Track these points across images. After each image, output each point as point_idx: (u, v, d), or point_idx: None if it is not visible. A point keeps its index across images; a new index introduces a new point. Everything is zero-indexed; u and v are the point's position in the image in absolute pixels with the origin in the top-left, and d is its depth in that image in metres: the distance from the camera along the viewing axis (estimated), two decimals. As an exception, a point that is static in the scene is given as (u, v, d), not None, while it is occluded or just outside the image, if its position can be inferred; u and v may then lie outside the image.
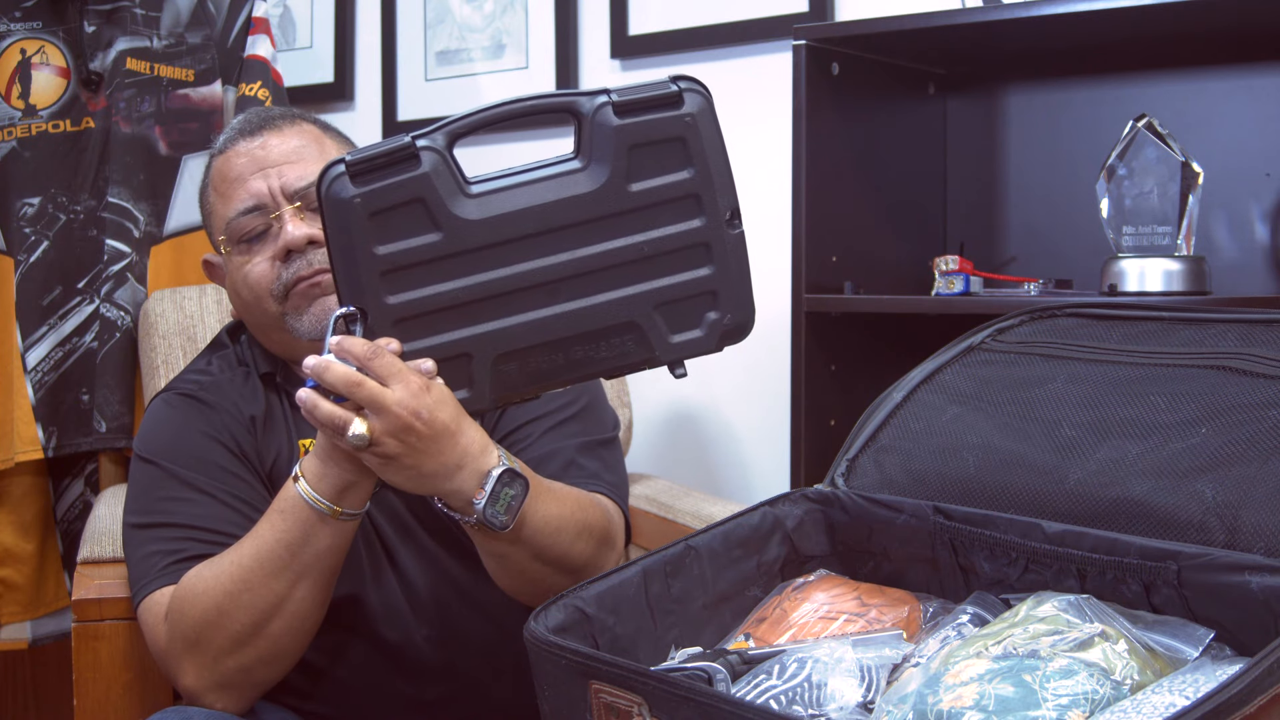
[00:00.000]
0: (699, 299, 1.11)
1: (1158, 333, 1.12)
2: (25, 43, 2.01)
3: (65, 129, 2.02)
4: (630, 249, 1.08)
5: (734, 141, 2.11)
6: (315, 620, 1.21)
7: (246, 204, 1.32)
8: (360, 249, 1.05)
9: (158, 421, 1.37)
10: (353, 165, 1.04)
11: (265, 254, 1.32)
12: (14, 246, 1.99)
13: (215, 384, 1.38)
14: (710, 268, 1.11)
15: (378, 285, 1.05)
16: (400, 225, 1.05)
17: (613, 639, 1.00)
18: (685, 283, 1.10)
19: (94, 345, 2.02)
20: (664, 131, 1.08)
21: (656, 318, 1.10)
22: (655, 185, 1.08)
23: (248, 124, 1.37)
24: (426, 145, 1.05)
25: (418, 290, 1.06)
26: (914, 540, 1.09)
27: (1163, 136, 1.55)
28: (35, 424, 2.00)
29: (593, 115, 1.07)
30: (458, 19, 2.44)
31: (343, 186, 1.04)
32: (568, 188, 1.07)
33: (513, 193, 1.07)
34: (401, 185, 1.04)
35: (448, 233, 1.05)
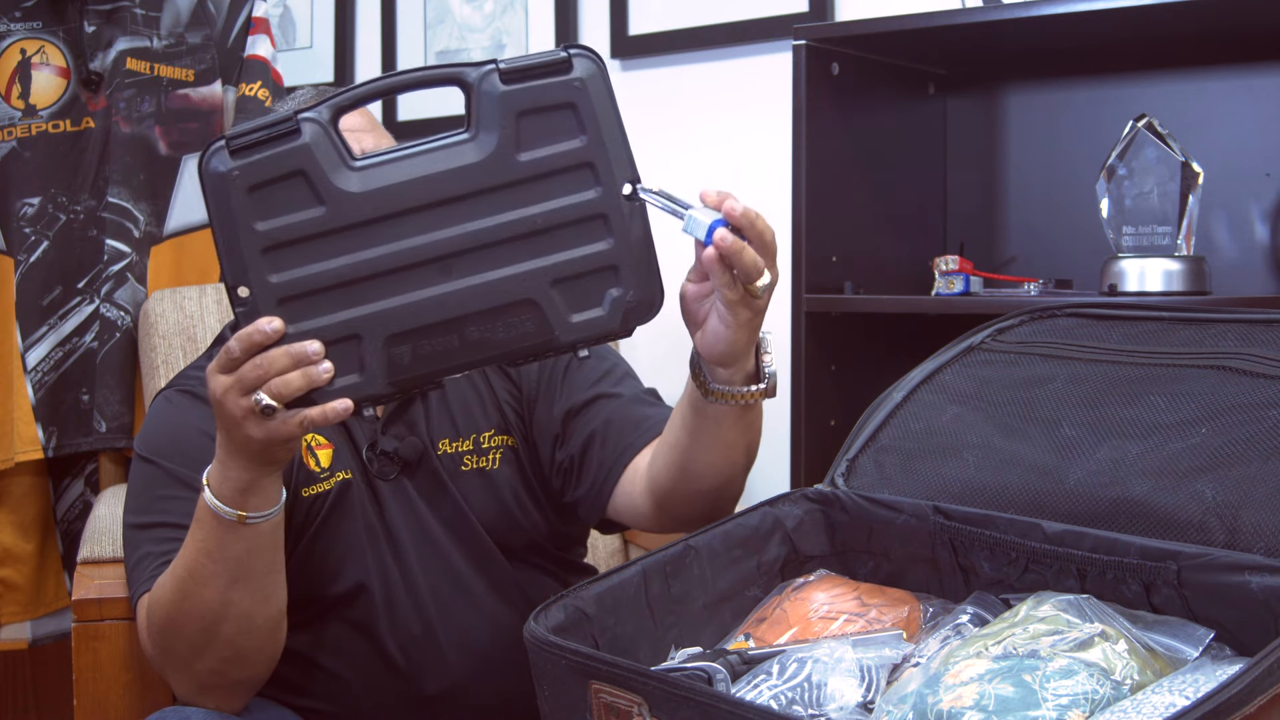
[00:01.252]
0: (598, 274, 1.06)
1: (1158, 333, 1.12)
2: (25, 43, 2.01)
3: (65, 129, 2.02)
4: (523, 221, 1.04)
5: (734, 141, 2.12)
6: (266, 619, 1.19)
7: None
8: (241, 225, 1.02)
9: (158, 420, 1.37)
10: (232, 139, 1.02)
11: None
12: (14, 246, 1.99)
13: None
14: (609, 241, 1.06)
15: (260, 263, 1.02)
16: (281, 200, 1.02)
17: (613, 639, 1.00)
18: (583, 257, 1.06)
19: (94, 345, 2.02)
20: (552, 97, 1.04)
21: (554, 295, 1.05)
22: (546, 154, 1.05)
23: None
24: (309, 118, 1.02)
25: (301, 268, 1.03)
26: (914, 540, 1.08)
27: (1163, 136, 1.55)
28: (35, 424, 2.00)
29: (479, 83, 1.04)
30: (458, 19, 2.44)
31: (221, 160, 1.01)
32: (455, 158, 1.03)
33: (398, 165, 1.03)
34: (281, 157, 1.01)
35: (330, 206, 1.02)
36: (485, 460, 1.36)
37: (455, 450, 1.36)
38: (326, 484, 1.31)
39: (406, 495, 1.34)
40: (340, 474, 1.32)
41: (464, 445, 1.36)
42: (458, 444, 1.36)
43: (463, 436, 1.36)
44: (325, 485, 1.31)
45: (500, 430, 1.38)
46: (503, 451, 1.37)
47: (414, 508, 1.34)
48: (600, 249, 1.06)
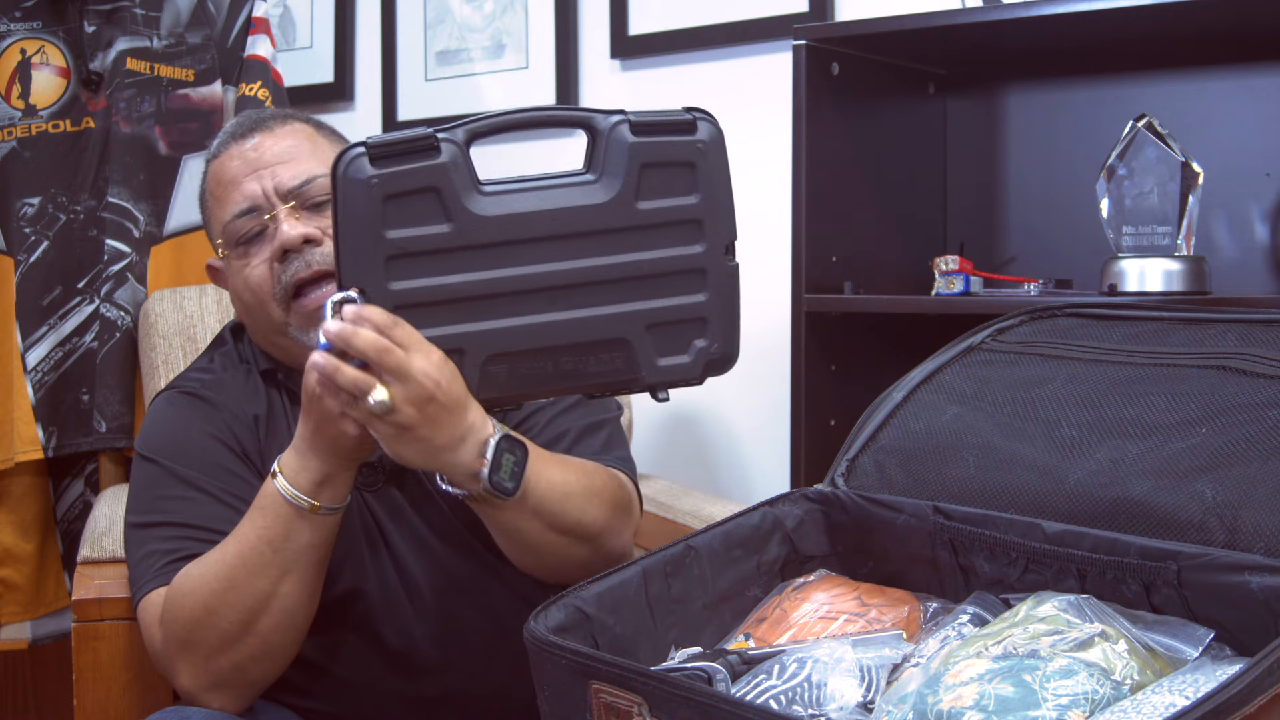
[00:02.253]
0: (690, 325, 1.13)
1: (1158, 333, 1.12)
2: (25, 43, 2.01)
3: (65, 129, 2.02)
4: (631, 265, 1.10)
5: (734, 141, 2.12)
6: (305, 615, 1.21)
7: (241, 206, 1.32)
8: (370, 231, 1.05)
9: (159, 420, 1.37)
10: (373, 148, 1.05)
11: (263, 255, 1.31)
12: (14, 246, 1.99)
13: (218, 382, 1.38)
14: (704, 294, 1.12)
15: (382, 269, 1.06)
16: (413, 212, 1.05)
17: (613, 639, 1.00)
18: (679, 306, 1.12)
19: (94, 345, 2.02)
20: (676, 154, 1.11)
21: (647, 338, 1.11)
22: (662, 206, 1.10)
23: (240, 126, 1.37)
24: (446, 138, 1.06)
25: (421, 279, 1.06)
26: (914, 540, 1.09)
27: (1163, 136, 1.55)
28: (35, 424, 2.00)
29: (609, 131, 1.10)
30: (458, 19, 2.44)
31: (360, 167, 1.04)
32: (578, 197, 1.09)
33: (525, 195, 1.08)
34: (419, 172, 1.05)
35: (458, 225, 1.06)
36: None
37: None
38: None
39: (395, 503, 1.34)
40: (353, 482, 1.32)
41: None
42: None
43: None
44: None
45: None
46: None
47: (404, 515, 1.34)
48: (696, 301, 1.12)
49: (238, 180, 1.32)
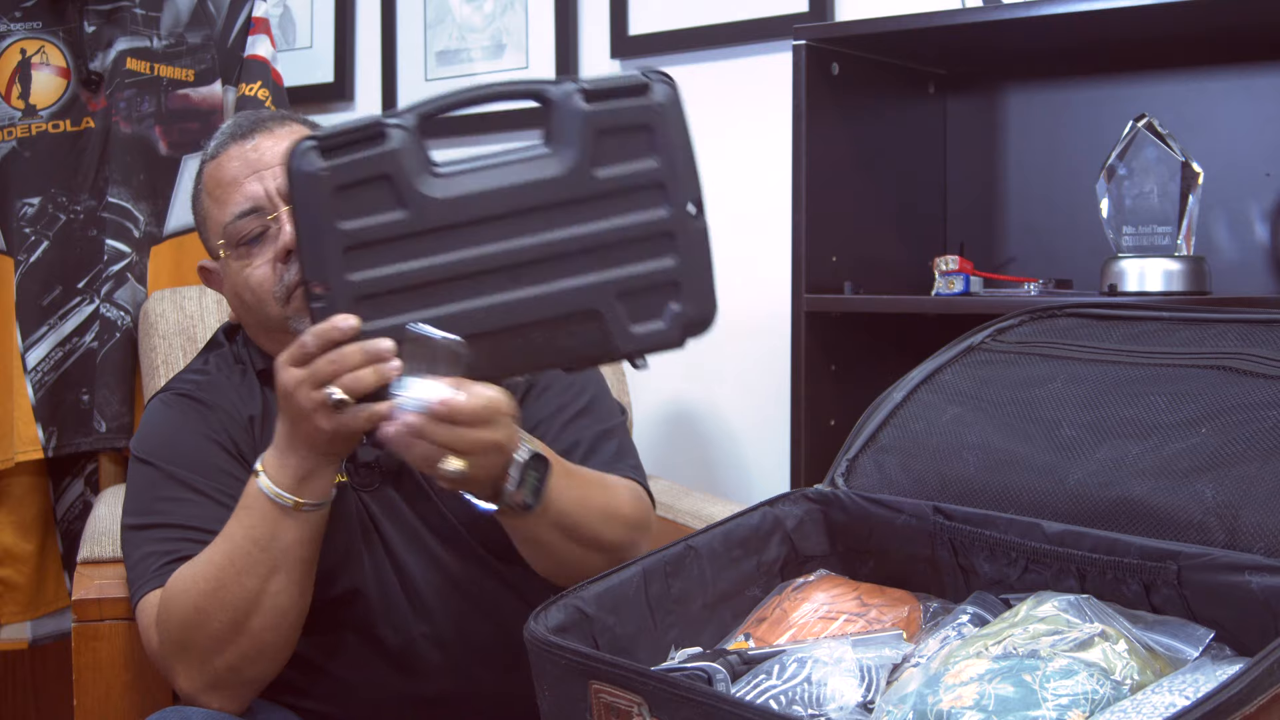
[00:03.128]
0: (662, 290, 1.10)
1: (1158, 333, 1.12)
2: (25, 43, 2.01)
3: (65, 129, 2.02)
4: (595, 235, 1.08)
5: (734, 141, 2.13)
6: (297, 613, 1.20)
7: (243, 207, 1.31)
8: (325, 223, 1.04)
9: (155, 422, 1.37)
10: (323, 140, 1.04)
11: (265, 256, 1.31)
12: (14, 246, 1.99)
13: (212, 383, 1.38)
14: (673, 258, 1.10)
15: (340, 261, 1.05)
16: (366, 201, 1.04)
17: (613, 639, 1.00)
18: (648, 273, 1.09)
19: (94, 345, 2.02)
20: (632, 118, 1.08)
21: (618, 307, 1.09)
22: (621, 172, 1.08)
23: (238, 127, 1.37)
24: (396, 124, 1.05)
25: (380, 268, 1.05)
26: (914, 540, 1.08)
27: (1163, 136, 1.55)
28: (35, 424, 2.00)
29: (562, 101, 1.07)
30: (458, 19, 2.44)
31: (310, 160, 1.04)
32: (534, 171, 1.07)
33: (480, 174, 1.06)
34: (369, 160, 1.04)
35: (413, 210, 1.04)
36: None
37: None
38: None
39: (392, 503, 1.34)
40: (338, 477, 1.32)
41: None
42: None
43: None
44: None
45: None
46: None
47: (401, 514, 1.34)
48: (665, 265, 1.09)
49: (238, 181, 1.32)
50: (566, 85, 1.08)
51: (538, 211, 1.07)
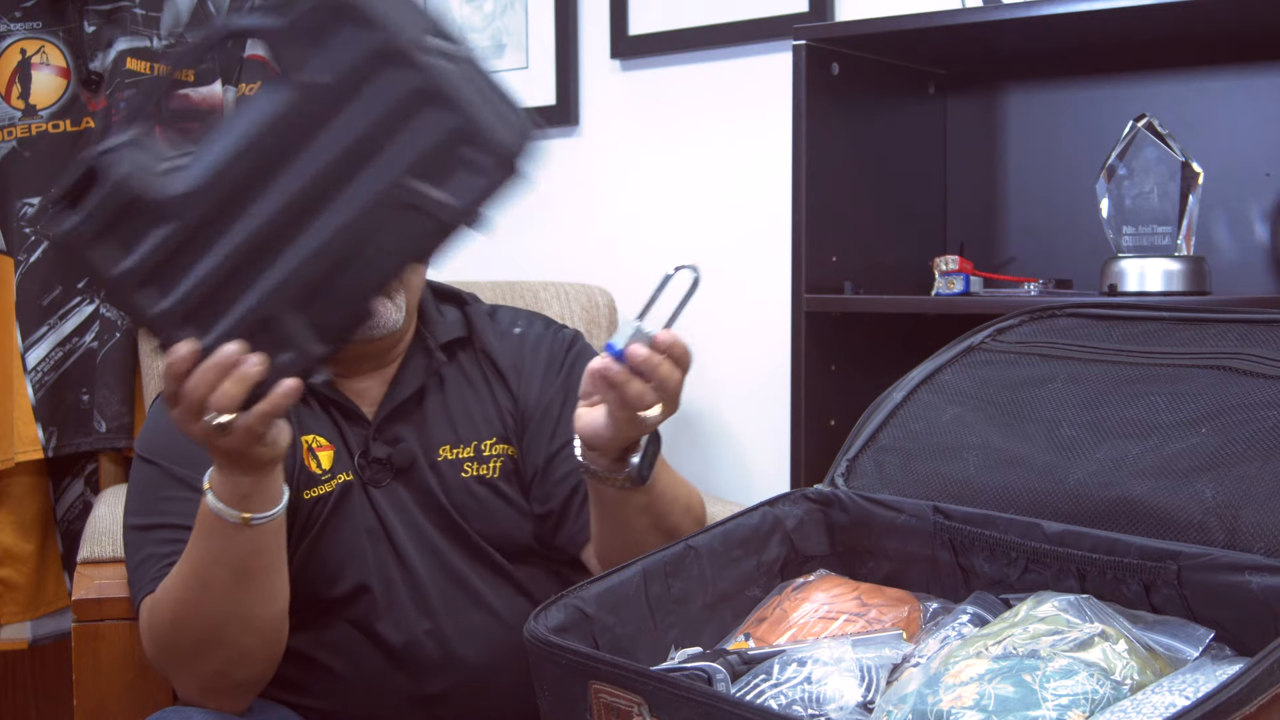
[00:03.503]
0: (455, 146, 0.99)
1: (1158, 333, 1.12)
2: (25, 43, 2.01)
3: (65, 129, 2.02)
4: (356, 136, 0.99)
5: (734, 141, 2.13)
6: (272, 618, 1.20)
7: None
8: (108, 272, 1.01)
9: (160, 421, 1.37)
10: (65, 196, 1.01)
11: None
12: (14, 246, 1.99)
13: None
14: (450, 111, 0.98)
15: (142, 297, 1.02)
16: (129, 232, 1.01)
17: (613, 639, 1.00)
18: (428, 136, 0.99)
19: (94, 345, 2.02)
20: (327, 11, 0.98)
21: (424, 187, 0.99)
22: (342, 60, 0.98)
23: None
24: (113, 145, 1.00)
25: (182, 284, 1.02)
26: (914, 540, 1.09)
27: (1163, 136, 1.54)
28: (35, 424, 2.00)
29: (255, 27, 1.01)
30: (458, 19, 2.44)
31: (59, 222, 1.01)
32: (265, 110, 0.99)
33: (218, 142, 1.00)
34: (107, 197, 1.00)
35: (175, 216, 1.00)
36: (486, 468, 1.37)
37: (456, 456, 1.37)
38: (328, 485, 1.32)
39: (401, 500, 1.34)
40: (342, 475, 1.32)
41: (465, 452, 1.37)
42: (459, 450, 1.37)
43: (464, 443, 1.37)
44: (327, 487, 1.32)
45: (501, 439, 1.39)
46: (503, 461, 1.38)
47: (409, 512, 1.34)
48: (441, 119, 0.98)
49: None
50: (251, 16, 1.01)
51: (290, 144, 0.99)
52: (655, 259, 2.24)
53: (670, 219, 2.22)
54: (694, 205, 2.19)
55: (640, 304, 1.16)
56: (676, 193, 2.21)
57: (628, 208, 2.27)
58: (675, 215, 2.21)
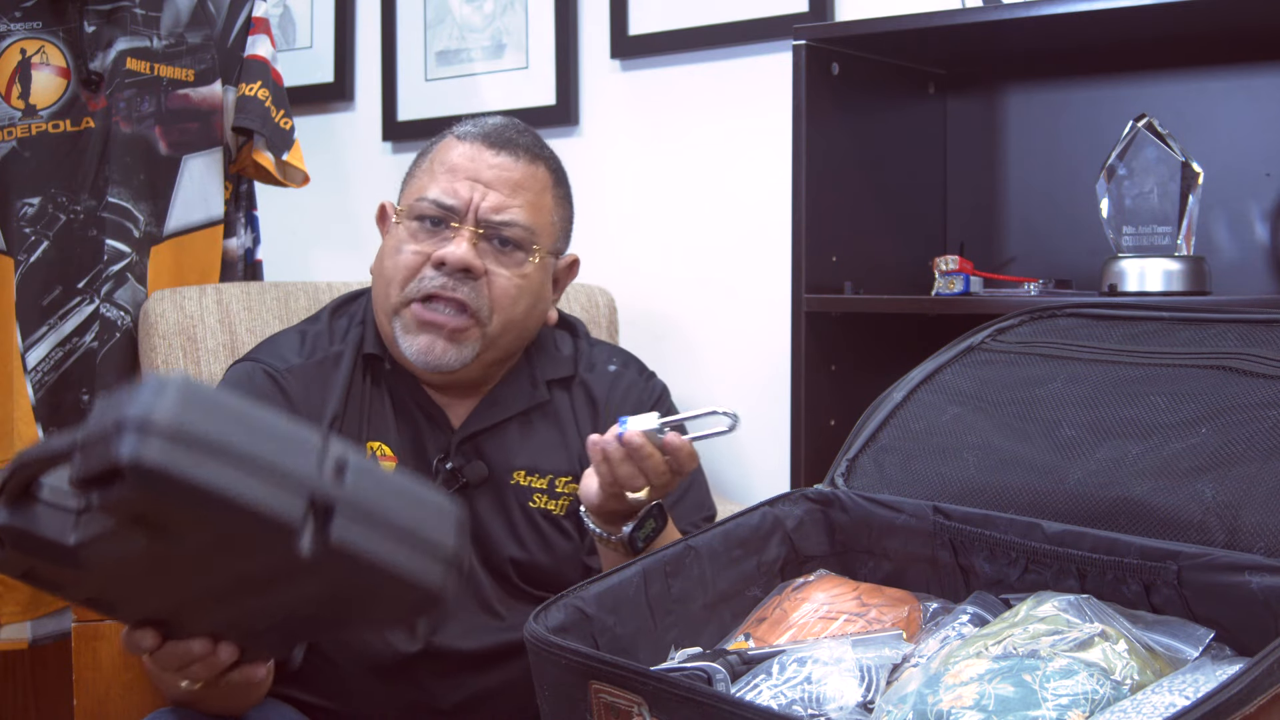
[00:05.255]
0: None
1: (1158, 333, 1.12)
2: (25, 43, 2.00)
3: (65, 129, 2.02)
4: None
5: (734, 141, 2.13)
6: (254, 701, 1.23)
7: (448, 201, 1.33)
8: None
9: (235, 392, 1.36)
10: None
11: (423, 245, 1.33)
12: (14, 246, 1.99)
13: (303, 370, 1.37)
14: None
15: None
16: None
17: (613, 639, 1.00)
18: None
19: (94, 345, 2.02)
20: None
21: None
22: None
23: (498, 133, 1.37)
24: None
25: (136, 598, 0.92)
26: (914, 540, 1.08)
27: (1163, 136, 1.54)
28: (35, 424, 2.00)
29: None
30: (458, 19, 2.44)
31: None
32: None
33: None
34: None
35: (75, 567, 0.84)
36: (555, 504, 1.39)
37: (529, 484, 1.38)
38: None
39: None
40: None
41: (538, 482, 1.39)
42: (532, 479, 1.39)
43: (539, 473, 1.39)
44: None
45: (576, 479, 1.39)
46: (571, 500, 1.39)
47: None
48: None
49: (457, 174, 1.34)
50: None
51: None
52: (655, 259, 2.24)
53: (670, 219, 2.22)
54: (694, 205, 2.19)
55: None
56: (676, 193, 2.21)
57: (628, 208, 2.27)
58: (675, 215, 2.21)
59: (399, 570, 0.81)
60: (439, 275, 1.32)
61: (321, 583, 0.82)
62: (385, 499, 0.81)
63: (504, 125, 1.39)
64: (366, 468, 0.81)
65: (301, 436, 0.79)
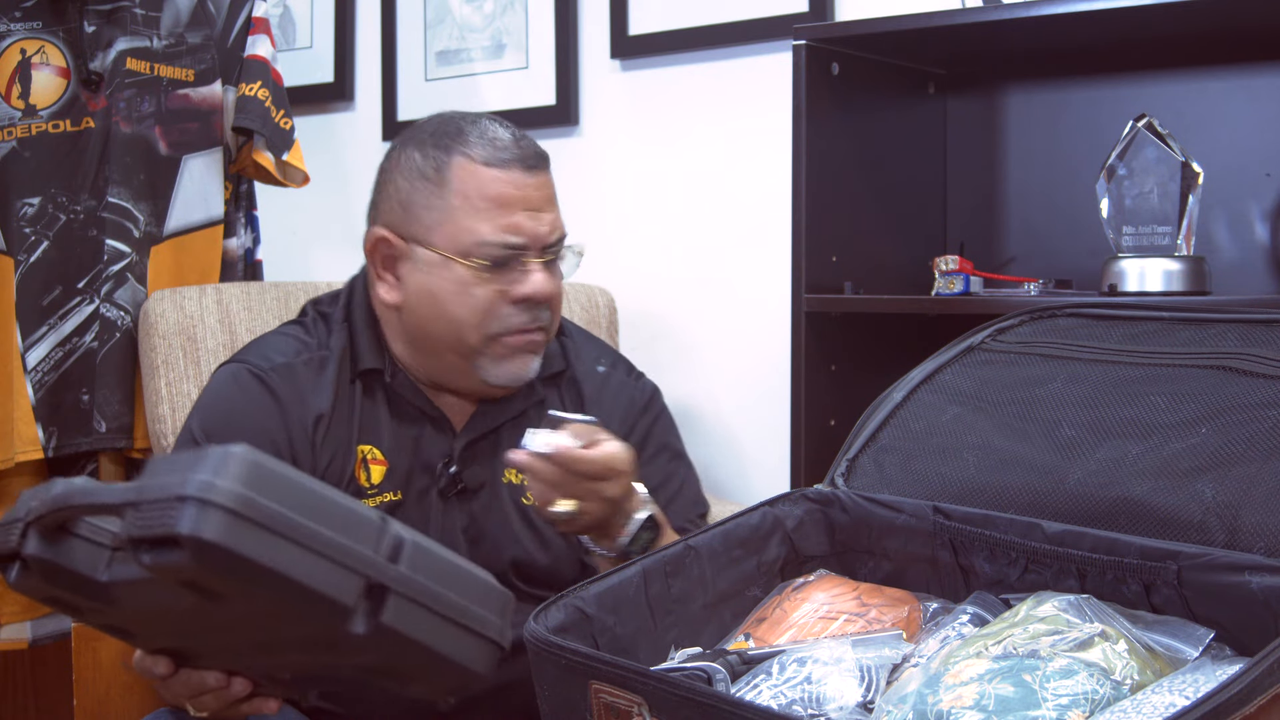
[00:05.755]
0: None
1: (1158, 333, 1.12)
2: (25, 43, 2.00)
3: (65, 129, 2.02)
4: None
5: (734, 141, 2.13)
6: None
7: (516, 240, 1.31)
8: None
9: (218, 398, 1.36)
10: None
11: (498, 285, 1.31)
12: (14, 246, 1.99)
13: (289, 369, 1.36)
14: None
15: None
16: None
17: (613, 639, 1.00)
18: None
19: (94, 345, 2.02)
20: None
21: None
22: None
23: (525, 152, 1.34)
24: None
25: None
26: (914, 540, 1.08)
27: (1163, 136, 1.54)
28: (35, 424, 2.00)
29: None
30: (458, 19, 2.44)
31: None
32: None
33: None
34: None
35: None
36: None
37: (521, 482, 1.38)
38: (372, 501, 1.32)
39: (450, 525, 1.36)
40: (388, 494, 1.33)
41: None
42: (523, 478, 1.38)
43: None
44: (371, 502, 1.32)
45: None
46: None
47: (452, 536, 1.35)
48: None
49: (512, 208, 1.31)
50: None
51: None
52: (655, 259, 2.24)
53: (670, 219, 2.22)
54: (694, 205, 2.19)
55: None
56: (676, 193, 2.21)
57: (628, 208, 2.27)
58: (675, 215, 2.21)
59: (445, 652, 0.85)
60: (524, 311, 1.32)
61: (367, 656, 0.84)
62: (438, 581, 0.84)
63: (518, 138, 1.36)
64: (422, 549, 0.83)
65: (361, 515, 0.80)
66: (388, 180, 1.36)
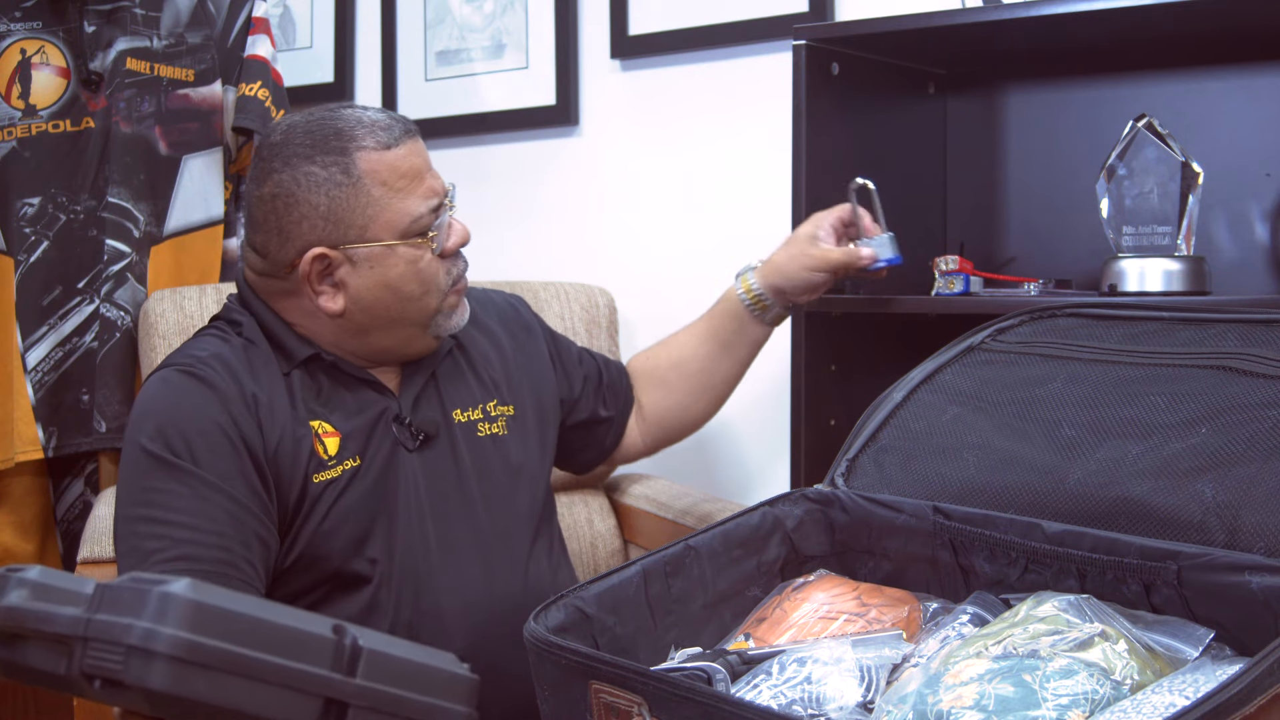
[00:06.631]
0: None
1: (1158, 333, 1.12)
2: (25, 43, 2.01)
3: (65, 129, 2.02)
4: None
5: (734, 141, 2.12)
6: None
7: (432, 202, 1.37)
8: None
9: (151, 402, 1.34)
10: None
11: (434, 248, 1.38)
12: (14, 246, 1.99)
13: (216, 358, 1.36)
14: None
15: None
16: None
17: (613, 639, 1.00)
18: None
19: (94, 345, 2.02)
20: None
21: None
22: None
23: (404, 126, 1.38)
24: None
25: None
26: (914, 540, 1.09)
27: (1163, 136, 1.54)
28: (35, 424, 2.00)
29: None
30: (458, 19, 2.44)
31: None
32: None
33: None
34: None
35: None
36: (496, 426, 1.47)
37: (469, 418, 1.45)
38: (335, 470, 1.34)
39: (412, 479, 1.38)
40: (348, 461, 1.35)
41: (475, 414, 1.46)
42: (470, 412, 1.46)
43: (472, 406, 1.46)
44: (334, 472, 1.34)
45: (502, 401, 1.49)
46: (506, 419, 1.48)
47: (416, 492, 1.38)
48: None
49: (421, 174, 1.37)
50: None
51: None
52: (655, 259, 2.24)
53: (670, 219, 2.22)
54: (694, 205, 2.19)
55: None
56: (676, 193, 2.21)
57: (628, 208, 2.27)
58: (675, 215, 2.21)
59: None
60: (457, 261, 1.41)
61: None
62: (399, 684, 0.83)
63: (385, 113, 1.41)
64: (379, 655, 0.82)
65: (313, 633, 0.80)
66: (291, 207, 1.35)
